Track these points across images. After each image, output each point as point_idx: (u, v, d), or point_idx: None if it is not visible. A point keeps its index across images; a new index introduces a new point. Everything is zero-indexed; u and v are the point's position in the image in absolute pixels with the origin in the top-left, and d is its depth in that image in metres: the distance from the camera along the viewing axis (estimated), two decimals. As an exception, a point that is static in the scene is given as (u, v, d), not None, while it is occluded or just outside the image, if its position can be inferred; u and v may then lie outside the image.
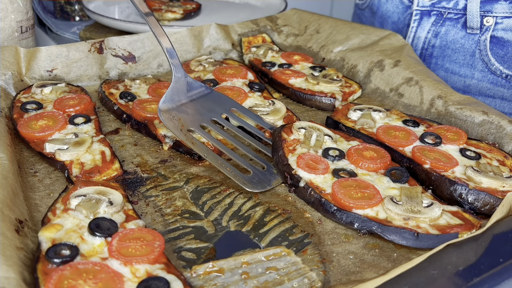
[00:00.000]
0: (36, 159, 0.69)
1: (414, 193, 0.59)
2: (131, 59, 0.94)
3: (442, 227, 0.55)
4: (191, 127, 0.69)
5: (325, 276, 0.51)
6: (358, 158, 0.65)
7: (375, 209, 0.57)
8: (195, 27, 1.02)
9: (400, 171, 0.64)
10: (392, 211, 0.56)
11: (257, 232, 0.57)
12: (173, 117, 0.69)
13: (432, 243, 0.53)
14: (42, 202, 0.60)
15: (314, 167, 0.63)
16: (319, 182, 0.62)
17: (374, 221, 0.56)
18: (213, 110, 0.74)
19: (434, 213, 0.56)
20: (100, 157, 0.66)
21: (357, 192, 0.59)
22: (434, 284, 0.48)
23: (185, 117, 0.70)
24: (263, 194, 0.63)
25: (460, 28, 1.01)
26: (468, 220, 0.56)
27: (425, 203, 0.57)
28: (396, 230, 0.54)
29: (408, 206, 0.57)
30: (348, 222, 0.57)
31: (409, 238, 0.54)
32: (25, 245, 0.50)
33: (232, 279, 0.50)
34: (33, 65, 0.87)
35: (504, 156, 0.67)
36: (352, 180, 0.61)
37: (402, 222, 0.55)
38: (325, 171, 0.63)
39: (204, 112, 0.73)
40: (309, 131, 0.70)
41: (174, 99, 0.72)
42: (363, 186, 0.60)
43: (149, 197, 0.62)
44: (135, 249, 0.49)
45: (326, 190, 0.60)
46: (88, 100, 0.78)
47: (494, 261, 0.50)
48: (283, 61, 0.97)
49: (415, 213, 0.56)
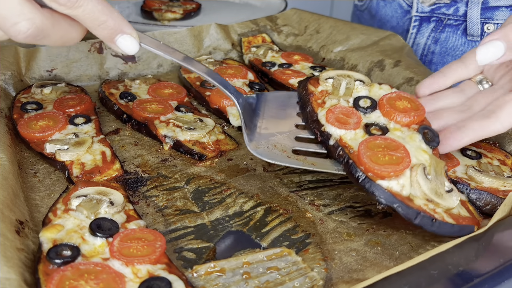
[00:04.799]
0: (36, 159, 0.68)
1: (439, 168, 0.55)
2: (131, 59, 0.94)
3: (455, 216, 0.54)
4: (293, 147, 0.62)
5: (327, 274, 0.51)
6: (390, 110, 0.59)
7: (401, 182, 0.53)
8: (195, 27, 1.02)
9: (432, 132, 0.59)
10: (420, 187, 0.53)
11: (258, 232, 0.57)
12: (269, 148, 0.61)
13: (447, 231, 0.52)
14: (43, 202, 0.60)
15: (345, 122, 0.59)
16: (348, 139, 0.58)
17: (396, 197, 0.52)
18: (286, 115, 0.66)
19: (452, 202, 0.54)
20: (101, 157, 0.66)
21: (385, 155, 0.54)
22: (434, 284, 0.48)
23: (276, 141, 0.62)
24: (264, 194, 0.63)
25: (460, 35, 1.00)
26: (472, 213, 0.56)
27: (446, 186, 0.55)
28: (416, 212, 0.52)
29: (434, 184, 0.54)
30: (370, 192, 0.53)
31: (426, 222, 0.52)
32: (26, 246, 0.50)
33: (233, 279, 0.50)
34: (33, 65, 0.86)
35: (505, 156, 0.67)
36: (382, 139, 0.57)
37: (423, 202, 0.53)
38: (357, 126, 0.58)
39: (283, 123, 0.65)
40: (337, 80, 0.64)
41: (252, 128, 0.64)
42: (392, 147, 0.56)
43: (150, 197, 0.62)
44: (137, 250, 0.49)
45: (355, 148, 0.56)
46: (88, 100, 0.78)
47: (495, 261, 0.50)
48: (283, 61, 0.97)
49: (438, 196, 0.53)
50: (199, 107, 0.84)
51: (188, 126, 0.73)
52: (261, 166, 0.69)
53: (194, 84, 0.88)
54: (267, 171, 0.68)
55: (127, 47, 0.57)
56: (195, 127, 0.73)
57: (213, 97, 0.82)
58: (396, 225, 0.58)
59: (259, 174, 0.68)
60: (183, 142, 0.71)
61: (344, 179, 0.67)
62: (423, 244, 0.55)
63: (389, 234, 0.57)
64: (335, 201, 0.62)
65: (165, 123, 0.74)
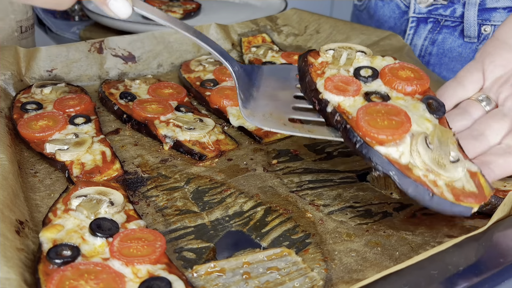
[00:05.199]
0: (36, 159, 0.68)
1: (445, 138, 0.53)
2: (131, 59, 0.94)
3: (457, 191, 0.50)
4: (290, 116, 0.60)
5: (327, 274, 0.51)
6: (392, 79, 0.58)
7: (400, 149, 0.51)
8: (195, 27, 1.02)
9: (437, 102, 0.57)
10: (420, 156, 0.51)
11: (258, 232, 0.57)
12: (264, 116, 0.60)
13: (443, 208, 0.50)
14: (43, 202, 0.60)
15: (344, 89, 0.57)
16: (347, 106, 0.56)
17: (393, 165, 0.50)
18: (284, 87, 0.65)
19: (457, 174, 0.51)
20: (101, 157, 0.66)
21: (384, 120, 0.53)
22: (434, 284, 0.48)
23: (272, 109, 0.61)
24: (264, 194, 0.63)
25: (457, 36, 0.99)
26: (481, 189, 0.52)
27: (452, 155, 0.52)
28: (412, 183, 0.50)
29: (437, 154, 0.51)
30: (367, 158, 0.52)
31: (422, 195, 0.50)
32: (25, 246, 0.50)
33: (233, 279, 0.50)
34: (33, 65, 0.86)
35: (505, 156, 0.67)
36: (382, 105, 0.54)
37: (423, 173, 0.51)
38: (356, 93, 0.57)
39: (281, 94, 0.64)
40: (338, 51, 0.63)
41: (247, 97, 0.63)
42: (393, 113, 0.54)
43: (150, 197, 0.62)
44: (137, 250, 0.49)
45: (353, 114, 0.55)
46: (88, 100, 0.78)
47: (495, 261, 0.50)
48: (283, 61, 0.97)
49: (440, 166, 0.50)
50: (199, 107, 0.84)
51: (188, 126, 0.73)
52: (261, 166, 0.69)
53: (194, 84, 0.88)
54: (267, 171, 0.68)
55: (119, 9, 0.56)
56: (195, 127, 0.73)
57: (213, 97, 0.82)
58: (396, 225, 0.58)
59: (259, 174, 0.68)
60: (183, 142, 0.71)
61: (344, 179, 0.67)
62: (423, 244, 0.55)
63: (389, 235, 0.57)
64: (335, 201, 0.63)
65: (165, 123, 0.74)
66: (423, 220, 0.59)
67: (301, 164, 0.70)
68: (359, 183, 0.66)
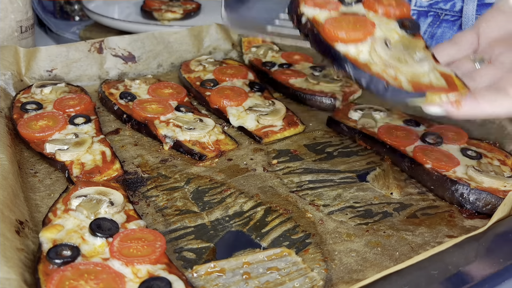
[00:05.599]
0: (36, 159, 0.68)
1: (413, 45, 0.53)
2: (131, 59, 0.94)
3: (420, 85, 0.50)
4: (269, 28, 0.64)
5: (327, 274, 0.51)
6: (373, 1, 0.59)
7: (360, 48, 0.53)
8: (195, 27, 1.02)
9: (412, 22, 0.57)
10: (377, 54, 0.52)
11: (258, 232, 0.57)
12: (245, 24, 0.64)
13: (398, 98, 0.50)
14: (43, 202, 0.60)
15: (321, 5, 0.59)
16: (322, 18, 0.57)
17: (350, 61, 0.52)
18: (271, 9, 0.68)
19: (420, 68, 0.51)
20: (101, 157, 0.66)
21: (349, 25, 0.55)
22: (434, 284, 0.48)
23: (254, 21, 0.64)
24: (264, 194, 0.63)
25: (456, 30, 1.00)
26: (454, 85, 0.51)
27: (418, 56, 0.52)
28: (366, 75, 0.50)
29: (398, 52, 0.52)
30: (330, 57, 0.53)
31: (376, 85, 0.50)
32: (25, 246, 0.50)
33: (233, 279, 0.50)
34: (33, 65, 0.86)
35: (505, 156, 0.67)
36: (353, 16, 0.56)
37: (381, 68, 0.51)
38: (334, 9, 0.58)
39: (267, 12, 0.67)
40: None
41: (233, 8, 0.66)
42: (360, 21, 0.56)
43: (150, 197, 0.62)
44: (137, 250, 0.49)
45: (324, 23, 0.56)
46: (88, 100, 0.78)
47: (495, 261, 0.50)
48: (283, 61, 0.97)
49: (400, 61, 0.51)
50: (199, 107, 0.84)
51: (188, 126, 0.73)
52: (261, 166, 0.69)
53: (194, 84, 0.88)
54: (267, 171, 0.68)
55: None
56: (195, 127, 0.73)
57: (213, 97, 0.82)
58: (396, 225, 0.58)
59: (259, 174, 0.68)
60: (183, 142, 0.71)
61: (344, 179, 0.67)
62: (423, 245, 0.55)
63: (389, 235, 0.57)
64: (335, 201, 0.62)
65: (165, 123, 0.74)
66: (423, 220, 0.59)
67: (301, 164, 0.70)
68: (359, 183, 0.66)
